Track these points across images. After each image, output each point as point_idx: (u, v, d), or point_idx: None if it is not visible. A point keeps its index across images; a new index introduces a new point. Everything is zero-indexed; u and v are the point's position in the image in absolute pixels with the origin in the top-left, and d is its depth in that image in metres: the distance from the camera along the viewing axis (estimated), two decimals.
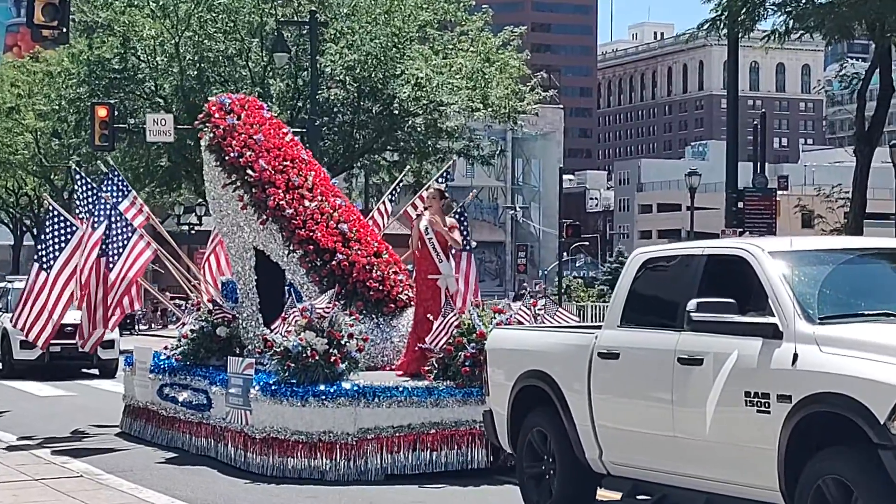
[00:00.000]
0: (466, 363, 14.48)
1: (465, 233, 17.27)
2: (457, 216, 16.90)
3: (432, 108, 43.35)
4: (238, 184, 17.36)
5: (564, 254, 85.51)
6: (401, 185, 22.27)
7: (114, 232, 18.52)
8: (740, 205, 36.78)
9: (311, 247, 16.89)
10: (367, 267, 16.87)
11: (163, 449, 17.44)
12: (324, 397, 14.56)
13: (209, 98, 43.20)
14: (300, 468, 14.68)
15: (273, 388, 14.92)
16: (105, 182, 19.75)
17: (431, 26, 44.36)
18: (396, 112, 43.31)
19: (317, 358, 14.72)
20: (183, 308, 19.90)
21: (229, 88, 42.71)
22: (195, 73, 43.85)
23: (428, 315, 15.31)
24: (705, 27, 31.37)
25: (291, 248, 17.01)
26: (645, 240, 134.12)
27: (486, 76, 44.11)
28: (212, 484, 14.85)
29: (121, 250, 18.57)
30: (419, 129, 44.15)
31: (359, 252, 16.96)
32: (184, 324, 18.51)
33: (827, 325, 9.18)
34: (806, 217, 53.12)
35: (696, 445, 9.89)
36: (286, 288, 18.04)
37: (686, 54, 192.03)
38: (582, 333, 11.60)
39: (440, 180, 19.75)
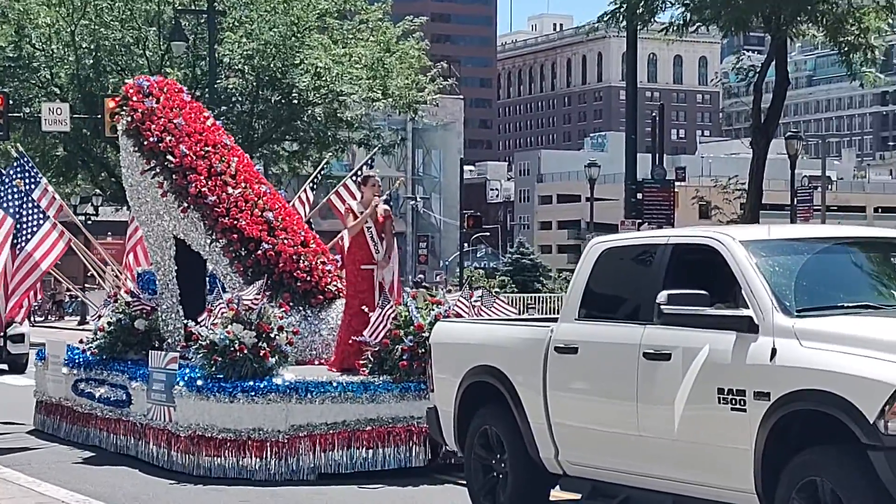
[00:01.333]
0: (404, 357, 13.89)
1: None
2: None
3: (332, 97, 43.47)
4: (158, 170, 16.60)
5: (465, 244, 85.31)
6: (321, 174, 21.61)
7: (25, 219, 17.70)
8: (639, 196, 37.16)
9: (235, 236, 16.19)
10: (294, 257, 16.21)
11: (79, 447, 16.68)
12: (253, 393, 13.91)
13: (115, 84, 43.11)
14: (228, 467, 14.01)
15: (199, 383, 14.24)
16: (15, 168, 18.89)
17: (331, 15, 44.41)
18: (296, 102, 43.25)
19: (245, 352, 14.07)
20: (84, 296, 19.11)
21: (126, 77, 42.73)
22: (91, 61, 43.70)
23: (363, 307, 14.70)
24: (605, 19, 31.70)
25: (214, 237, 16.29)
26: (545, 230, 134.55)
27: (386, 66, 44.21)
28: (130, 482, 14.21)
29: (29, 237, 17.76)
30: (319, 119, 44.21)
31: (285, 241, 16.28)
32: (100, 316, 17.73)
33: (806, 318, 8.72)
34: (703, 208, 53.68)
35: (663, 445, 9.40)
36: (207, 279, 17.41)
37: (585, 46, 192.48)
38: (535, 326, 11.05)
39: (367, 167, 19.20)
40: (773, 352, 8.61)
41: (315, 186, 20.57)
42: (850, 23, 29.73)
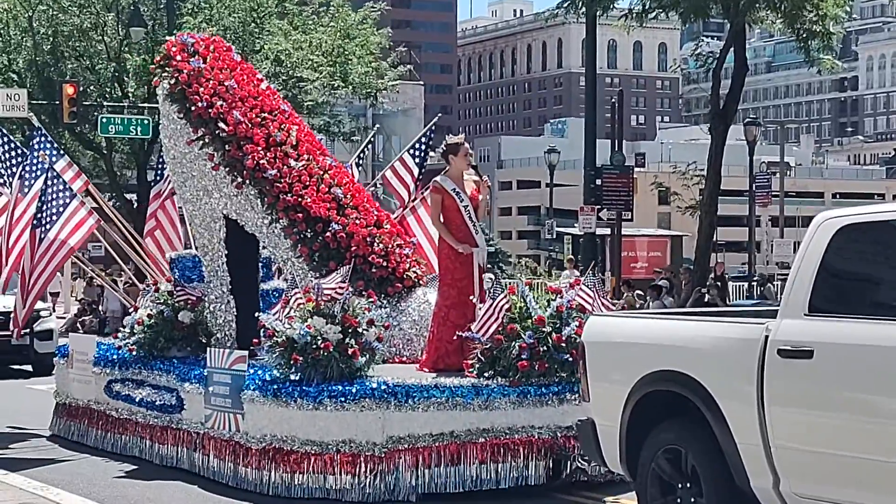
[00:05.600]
0: (523, 356, 11.79)
1: None
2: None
3: (292, 84, 42.64)
4: (207, 139, 14.40)
5: None
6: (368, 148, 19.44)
7: (49, 195, 15.49)
8: (598, 182, 37.14)
9: (300, 215, 14.02)
10: (368, 239, 14.08)
11: (115, 458, 14.49)
12: (343, 399, 11.75)
13: (73, 70, 41.60)
14: (312, 486, 11.86)
15: (275, 387, 12.10)
16: (37, 139, 16.67)
17: (291, 1, 43.72)
18: None
19: (331, 350, 11.94)
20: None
21: (84, 63, 43.18)
22: (49, 47, 43.20)
23: (471, 297, 12.56)
24: (565, 6, 31.77)
25: (274, 216, 14.11)
26: (505, 216, 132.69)
27: (347, 53, 43.50)
28: (190, 502, 12.12)
29: (54, 217, 15.54)
30: None
31: (357, 221, 14.14)
32: (136, 308, 15.55)
33: None
34: (662, 194, 53.14)
35: None
36: (260, 265, 15.34)
37: (545, 32, 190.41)
38: (742, 323, 8.97)
39: (431, 134, 17.18)
40: None
41: (360, 163, 18.45)
42: (808, 9, 29.59)
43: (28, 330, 21.15)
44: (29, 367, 24.56)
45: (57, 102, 37.85)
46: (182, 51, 14.90)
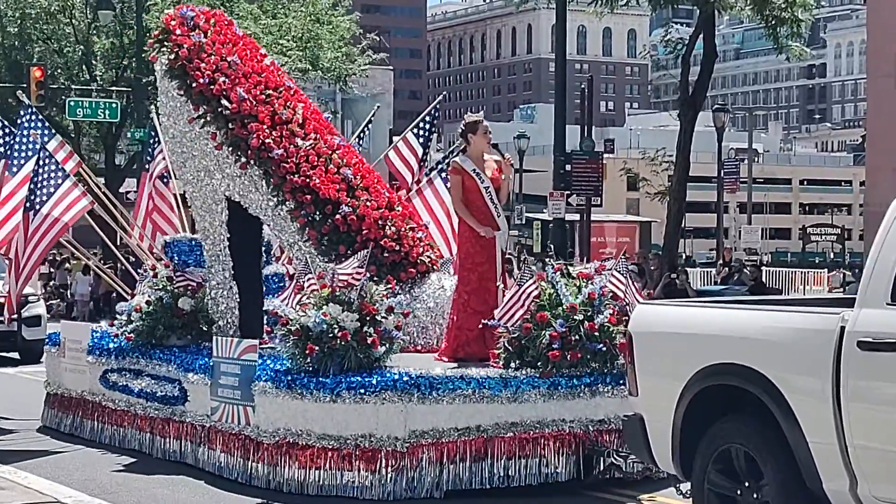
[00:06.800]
0: (554, 345, 11.13)
1: None
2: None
3: None
4: (209, 118, 13.63)
5: None
6: (369, 127, 18.65)
7: (41, 175, 14.74)
8: (568, 167, 37.11)
9: (308, 196, 13.29)
10: (380, 222, 13.39)
11: (112, 451, 13.78)
12: (363, 390, 11.08)
13: (40, 53, 41.27)
14: (329, 483, 11.21)
15: (289, 378, 11.42)
16: (27, 116, 15.89)
17: None
18: None
19: (348, 339, 11.26)
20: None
21: (52, 46, 43.36)
22: (17, 30, 43.46)
23: (498, 283, 11.91)
24: None
25: (281, 197, 13.40)
26: None
27: (317, 38, 43.54)
28: (197, 499, 11.46)
29: (46, 199, 14.79)
30: None
31: (368, 203, 13.45)
32: (133, 295, 14.82)
33: None
34: (631, 180, 53.19)
35: None
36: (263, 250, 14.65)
37: (515, 17, 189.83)
38: (813, 313, 8.32)
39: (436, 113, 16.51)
40: None
41: (361, 142, 17.73)
42: None
43: (16, 315, 20.44)
44: (16, 355, 23.72)
45: (24, 85, 37.16)
46: (182, 24, 14.14)
